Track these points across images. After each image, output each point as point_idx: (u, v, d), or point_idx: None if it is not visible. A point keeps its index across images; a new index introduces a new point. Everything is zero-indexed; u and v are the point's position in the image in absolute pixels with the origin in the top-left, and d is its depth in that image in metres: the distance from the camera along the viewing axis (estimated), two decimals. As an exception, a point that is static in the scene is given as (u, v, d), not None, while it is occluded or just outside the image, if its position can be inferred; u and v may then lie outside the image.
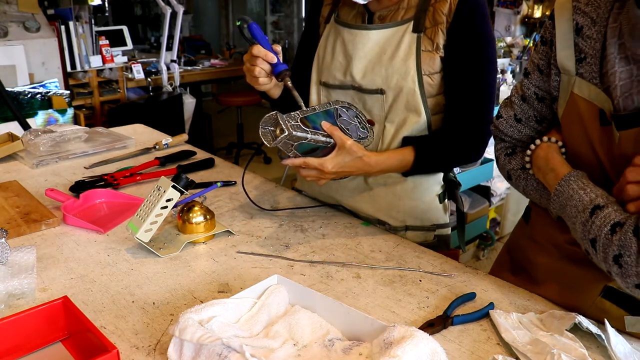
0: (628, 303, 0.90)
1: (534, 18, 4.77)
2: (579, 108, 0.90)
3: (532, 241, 1.09)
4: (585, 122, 0.89)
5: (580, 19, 0.89)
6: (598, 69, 0.87)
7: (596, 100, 0.87)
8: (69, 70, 3.96)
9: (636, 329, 0.89)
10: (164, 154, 1.74)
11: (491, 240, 3.28)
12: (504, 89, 3.21)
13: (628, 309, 0.90)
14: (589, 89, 0.88)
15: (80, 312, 0.83)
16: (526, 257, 1.10)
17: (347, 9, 1.27)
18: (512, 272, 1.14)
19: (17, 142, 1.70)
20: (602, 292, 0.93)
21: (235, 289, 0.99)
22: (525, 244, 1.11)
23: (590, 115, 0.88)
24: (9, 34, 3.54)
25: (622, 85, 0.83)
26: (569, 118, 0.94)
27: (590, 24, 0.88)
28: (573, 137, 0.94)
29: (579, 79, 0.90)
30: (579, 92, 0.90)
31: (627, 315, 0.90)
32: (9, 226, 1.19)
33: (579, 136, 0.92)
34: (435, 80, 1.18)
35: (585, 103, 0.89)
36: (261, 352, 0.77)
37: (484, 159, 3.03)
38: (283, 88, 1.27)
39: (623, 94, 0.83)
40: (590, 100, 0.88)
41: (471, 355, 0.81)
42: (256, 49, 1.14)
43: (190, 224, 1.17)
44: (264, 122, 1.06)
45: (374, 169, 1.16)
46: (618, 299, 0.91)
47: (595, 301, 0.93)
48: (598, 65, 0.87)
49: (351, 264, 1.08)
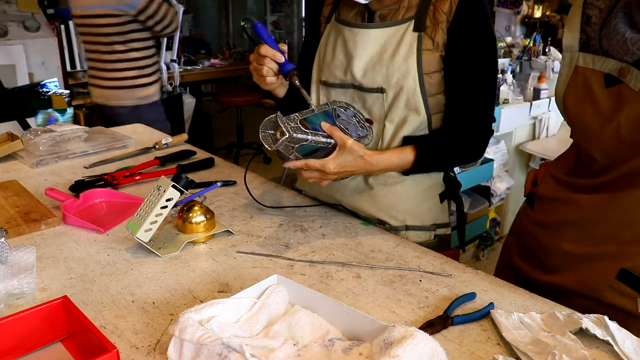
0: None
1: (534, 18, 4.77)
2: (585, 78, 1.02)
3: (540, 226, 1.14)
4: (593, 88, 1.01)
5: (590, 11, 1.03)
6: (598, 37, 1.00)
7: (602, 67, 0.99)
8: (69, 70, 3.96)
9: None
10: (163, 153, 1.74)
11: (491, 240, 3.28)
12: (504, 89, 3.20)
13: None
14: (593, 60, 1.01)
15: (80, 312, 0.83)
16: (536, 242, 1.14)
17: (348, 9, 1.27)
18: (521, 257, 1.20)
19: (16, 141, 1.70)
20: (618, 275, 0.97)
21: (235, 288, 0.99)
22: (534, 230, 1.16)
23: (596, 81, 1.00)
24: (8, 33, 3.54)
25: (630, 38, 0.94)
26: (575, 90, 1.05)
27: (597, 13, 1.02)
28: (579, 106, 1.04)
29: (583, 54, 1.04)
30: (584, 64, 1.03)
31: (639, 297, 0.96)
32: (8, 226, 1.19)
33: (585, 103, 1.02)
34: (436, 80, 1.18)
35: (590, 72, 1.01)
36: (261, 352, 0.77)
37: (484, 159, 3.03)
38: (288, 87, 1.28)
39: (635, 43, 0.94)
40: (595, 69, 1.01)
41: (471, 355, 0.81)
42: (264, 49, 1.14)
43: (190, 224, 1.16)
44: (263, 125, 1.06)
45: (376, 168, 1.15)
46: (632, 281, 0.96)
47: (610, 283, 0.98)
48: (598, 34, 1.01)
49: (351, 264, 1.08)
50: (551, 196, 1.14)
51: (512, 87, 3.32)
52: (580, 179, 1.08)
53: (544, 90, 3.33)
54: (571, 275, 1.05)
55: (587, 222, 1.04)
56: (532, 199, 1.20)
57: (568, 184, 1.11)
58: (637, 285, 0.96)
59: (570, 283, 1.05)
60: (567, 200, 1.09)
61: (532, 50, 3.60)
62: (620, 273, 0.98)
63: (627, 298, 0.97)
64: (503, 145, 3.29)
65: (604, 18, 1.00)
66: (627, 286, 0.97)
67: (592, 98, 1.01)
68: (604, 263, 1.01)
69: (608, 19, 0.99)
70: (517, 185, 3.43)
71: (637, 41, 0.93)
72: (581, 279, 1.03)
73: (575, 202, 1.07)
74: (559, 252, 1.08)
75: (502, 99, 3.18)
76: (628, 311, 0.97)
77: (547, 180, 1.18)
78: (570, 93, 1.06)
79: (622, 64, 0.95)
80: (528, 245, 1.18)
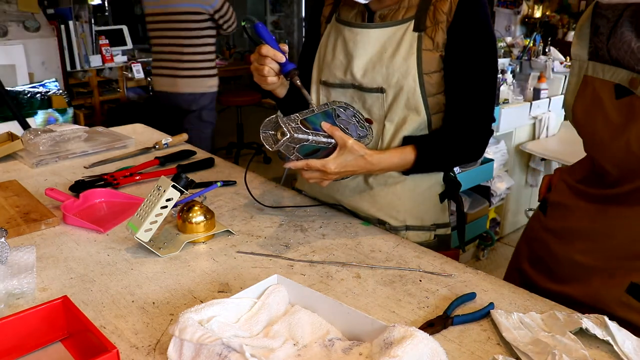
0: None
1: (534, 18, 4.77)
2: (595, 88, 1.00)
3: (552, 233, 1.12)
4: (603, 99, 0.98)
5: (599, 21, 1.01)
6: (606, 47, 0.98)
7: (612, 78, 0.97)
8: (69, 70, 3.96)
9: None
10: (163, 153, 1.74)
11: (491, 240, 3.28)
12: (504, 89, 3.20)
13: None
14: (603, 69, 0.99)
15: (80, 312, 0.83)
16: (546, 250, 1.12)
17: (348, 9, 1.27)
18: (530, 263, 1.18)
19: (16, 141, 1.70)
20: (628, 288, 0.96)
21: (235, 288, 0.99)
22: (545, 237, 1.14)
23: (605, 92, 0.98)
24: (8, 33, 3.54)
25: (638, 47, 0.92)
26: (584, 100, 1.02)
27: (605, 23, 1.00)
28: (589, 117, 1.02)
29: (592, 62, 1.01)
30: (593, 74, 1.00)
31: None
32: (8, 226, 1.19)
33: (596, 114, 1.00)
34: (436, 80, 1.18)
35: (600, 82, 0.99)
36: (261, 352, 0.77)
37: (484, 159, 3.03)
38: (288, 87, 1.28)
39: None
40: (604, 79, 0.98)
41: (471, 355, 0.81)
42: (265, 49, 1.14)
43: (190, 224, 1.16)
44: (264, 126, 1.06)
45: (376, 168, 1.16)
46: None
47: (620, 297, 0.97)
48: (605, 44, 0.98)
49: (351, 264, 1.08)
50: (563, 203, 1.11)
51: (512, 87, 3.31)
52: (592, 189, 1.05)
53: (544, 90, 3.33)
54: (580, 287, 1.03)
55: (598, 234, 1.01)
56: (545, 205, 1.17)
57: (581, 192, 1.08)
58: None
59: (579, 295, 1.02)
60: (579, 209, 1.07)
61: (532, 50, 3.61)
62: (630, 287, 0.96)
63: (636, 313, 0.95)
64: (503, 145, 3.29)
65: (611, 27, 0.97)
66: (638, 301, 0.95)
67: (602, 109, 0.97)
68: (614, 277, 0.98)
69: (615, 28, 0.96)
70: (517, 185, 3.43)
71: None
72: (591, 292, 1.01)
73: (588, 212, 1.04)
74: (569, 262, 1.06)
75: (502, 99, 3.17)
76: (637, 326, 0.94)
77: (561, 186, 1.15)
78: (579, 103, 1.03)
79: (634, 74, 0.92)
80: (538, 251, 1.16)
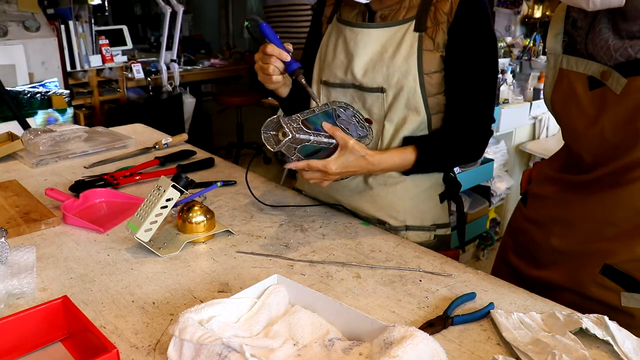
0: (624, 280, 1.00)
1: (534, 18, 4.76)
2: (570, 80, 1.04)
3: (532, 223, 1.18)
4: (577, 90, 1.03)
5: (575, 14, 1.05)
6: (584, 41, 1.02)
7: (585, 70, 1.01)
8: (69, 70, 3.95)
9: (631, 304, 1.00)
10: (163, 153, 1.74)
11: (491, 240, 3.28)
12: (504, 89, 3.20)
13: (624, 285, 1.00)
14: (576, 62, 1.03)
15: (80, 312, 0.83)
16: (529, 238, 1.19)
17: (349, 9, 1.27)
18: (515, 254, 1.24)
19: (16, 141, 1.70)
20: (602, 270, 1.02)
21: (235, 288, 0.99)
22: (527, 226, 1.21)
23: (580, 84, 1.02)
24: (8, 33, 3.53)
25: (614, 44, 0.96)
26: (560, 92, 1.08)
27: (583, 17, 1.04)
28: (566, 107, 1.07)
29: (566, 56, 1.06)
30: (567, 67, 1.05)
31: (623, 292, 1.00)
32: (8, 226, 1.19)
33: (570, 105, 1.05)
34: (436, 80, 1.18)
35: (574, 75, 1.03)
36: (261, 352, 0.77)
37: (484, 159, 3.03)
38: (291, 87, 1.28)
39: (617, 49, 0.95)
40: (578, 71, 1.03)
41: (471, 355, 0.81)
42: (270, 48, 1.14)
43: (190, 224, 1.16)
44: (265, 126, 1.05)
45: (377, 168, 1.16)
46: (615, 276, 1.01)
47: (595, 278, 1.03)
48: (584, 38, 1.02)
49: (351, 264, 1.08)
50: (542, 193, 1.18)
51: (512, 87, 3.31)
52: (568, 175, 1.12)
53: (544, 91, 3.32)
54: (559, 270, 1.10)
55: (574, 219, 1.08)
56: (525, 197, 1.24)
57: (557, 180, 1.15)
58: (620, 280, 1.01)
59: (558, 278, 1.09)
60: (557, 197, 1.13)
61: (532, 50, 3.61)
62: (604, 268, 1.02)
63: (611, 292, 1.02)
64: (503, 145, 3.29)
65: (589, 22, 1.02)
66: (611, 281, 1.01)
67: (577, 100, 1.03)
68: (589, 259, 1.05)
69: (593, 23, 1.01)
70: (517, 185, 3.41)
71: (619, 47, 0.95)
72: (568, 275, 1.07)
73: (564, 199, 1.11)
74: (548, 248, 1.12)
75: (502, 99, 3.17)
76: (612, 305, 1.01)
77: (539, 178, 1.22)
78: (556, 94, 1.09)
79: (605, 67, 0.98)
80: (522, 241, 1.22)
